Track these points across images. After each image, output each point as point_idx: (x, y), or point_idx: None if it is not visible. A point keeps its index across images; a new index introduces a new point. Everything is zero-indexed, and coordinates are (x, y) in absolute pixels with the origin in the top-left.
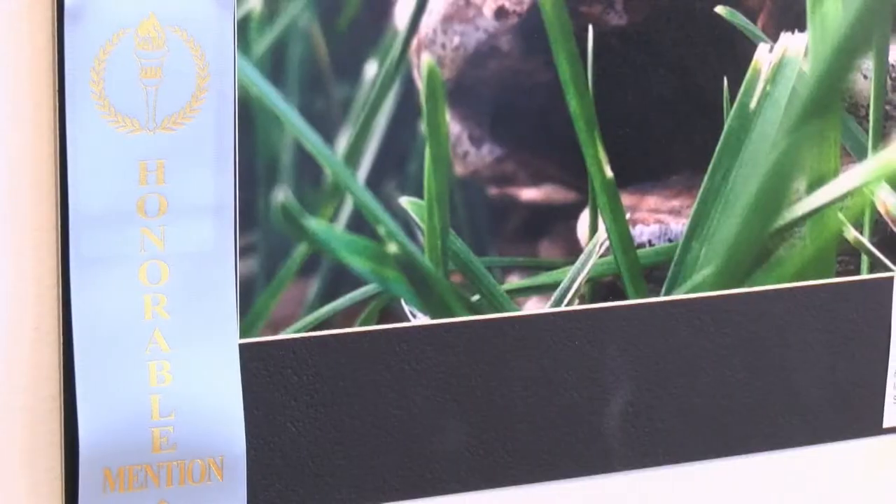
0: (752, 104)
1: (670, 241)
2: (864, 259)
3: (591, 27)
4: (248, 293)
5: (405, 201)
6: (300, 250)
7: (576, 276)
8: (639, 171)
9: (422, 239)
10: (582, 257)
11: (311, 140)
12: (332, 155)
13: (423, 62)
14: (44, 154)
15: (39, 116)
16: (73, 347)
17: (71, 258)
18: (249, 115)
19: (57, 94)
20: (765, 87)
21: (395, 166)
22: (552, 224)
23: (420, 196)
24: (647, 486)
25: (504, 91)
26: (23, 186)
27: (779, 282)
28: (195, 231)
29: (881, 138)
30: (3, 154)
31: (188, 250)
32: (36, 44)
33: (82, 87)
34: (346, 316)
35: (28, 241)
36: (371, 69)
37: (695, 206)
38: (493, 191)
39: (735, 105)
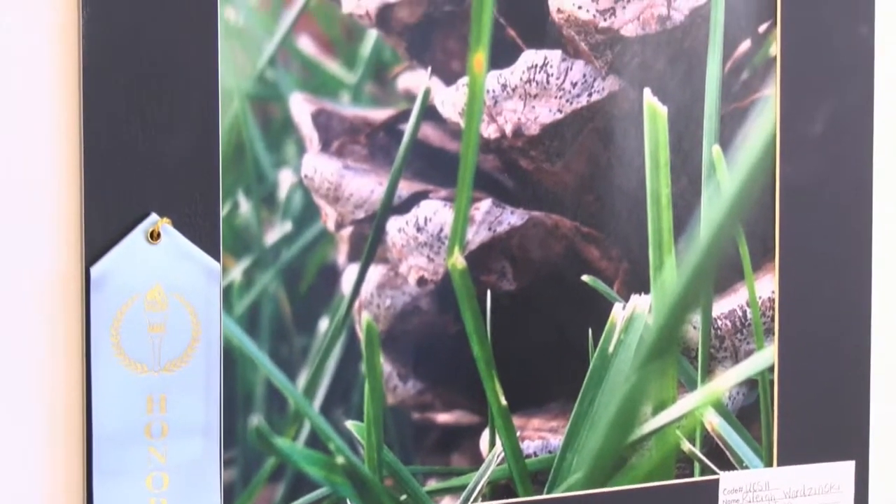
0: (610, 348)
1: (550, 452)
2: (696, 465)
3: (489, 291)
4: (230, 496)
5: (350, 424)
6: (270, 462)
7: (479, 479)
8: (526, 400)
9: (362, 452)
10: (483, 465)
11: (278, 378)
12: (294, 389)
13: (363, 318)
14: (73, 390)
15: (69, 363)
16: None
17: (93, 470)
18: (232, 359)
19: (84, 345)
20: (619, 336)
21: (342, 397)
22: (461, 440)
23: (361, 419)
24: None
25: (424, 340)
26: (56, 414)
27: (632, 483)
28: (189, 448)
29: (707, 374)
30: (43, 390)
31: (184, 462)
32: (68, 308)
33: (104, 340)
34: None
35: (60, 456)
36: (324, 324)
37: (568, 426)
38: (416, 416)
39: (597, 349)
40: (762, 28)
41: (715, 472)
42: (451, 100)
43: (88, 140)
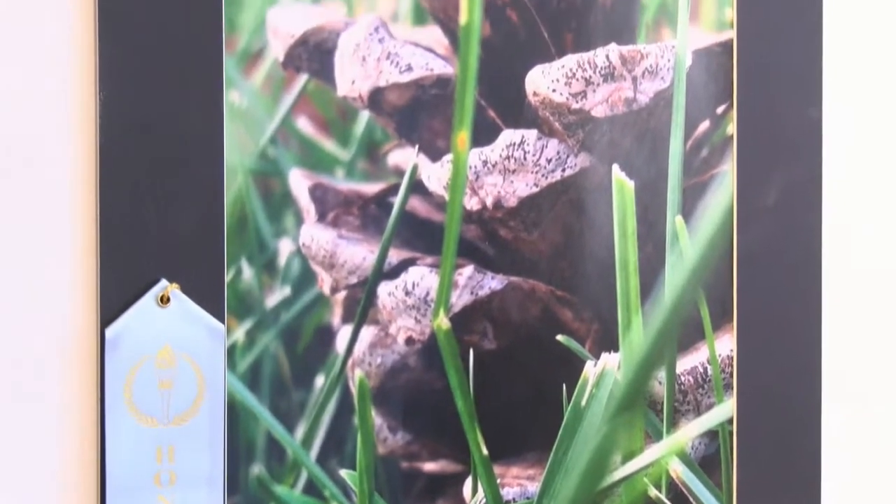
0: (583, 402)
1: (528, 498)
2: None
3: (471, 350)
4: None
5: (344, 472)
6: None
7: None
8: (506, 450)
9: (355, 499)
10: None
11: (278, 430)
12: (292, 440)
13: (356, 375)
14: (88, 442)
15: (85, 417)
16: None
17: None
18: (235, 413)
19: (99, 400)
20: (591, 391)
21: (336, 448)
22: (446, 488)
23: (354, 468)
24: None
25: (412, 395)
26: (72, 464)
27: None
28: (196, 496)
29: (672, 426)
30: (60, 442)
31: None
32: (84, 366)
33: (117, 396)
34: None
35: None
36: (320, 381)
37: (544, 474)
38: (404, 465)
39: (571, 403)
40: (720, 110)
41: None
42: (436, 175)
43: (104, 212)
